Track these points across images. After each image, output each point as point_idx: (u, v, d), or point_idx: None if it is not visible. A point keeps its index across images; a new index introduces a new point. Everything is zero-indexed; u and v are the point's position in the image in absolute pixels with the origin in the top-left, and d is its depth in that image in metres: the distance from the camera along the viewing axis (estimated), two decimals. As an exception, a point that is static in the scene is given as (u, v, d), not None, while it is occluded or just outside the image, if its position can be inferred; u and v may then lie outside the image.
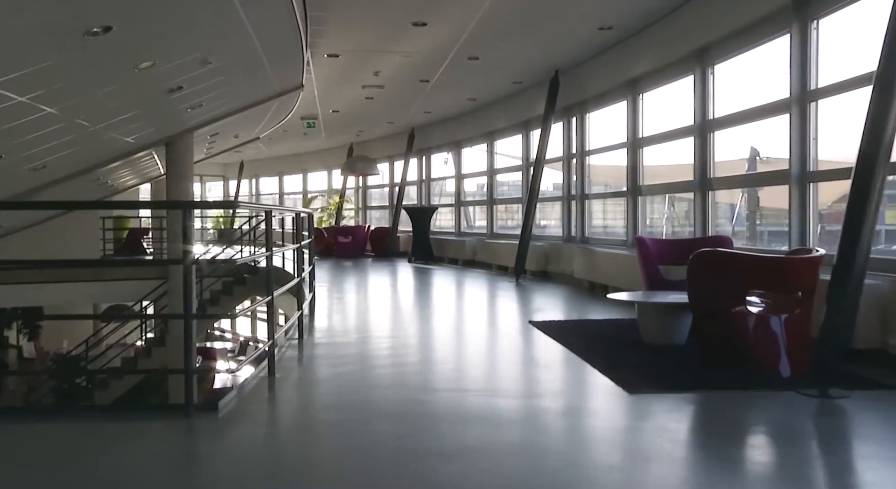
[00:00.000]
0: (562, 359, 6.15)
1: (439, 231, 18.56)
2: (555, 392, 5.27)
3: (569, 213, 12.83)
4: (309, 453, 3.86)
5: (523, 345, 6.98)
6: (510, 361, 6.32)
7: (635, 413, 4.58)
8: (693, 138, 8.88)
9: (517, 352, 6.74)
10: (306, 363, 6.17)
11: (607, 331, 7.25)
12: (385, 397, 4.96)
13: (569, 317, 8.55)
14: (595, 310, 9.12)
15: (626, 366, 5.60)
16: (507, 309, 9.64)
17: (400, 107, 15.76)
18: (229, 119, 11.73)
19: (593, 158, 12.35)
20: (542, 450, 3.82)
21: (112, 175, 13.62)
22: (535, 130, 14.15)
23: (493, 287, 12.10)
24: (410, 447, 3.81)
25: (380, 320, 8.69)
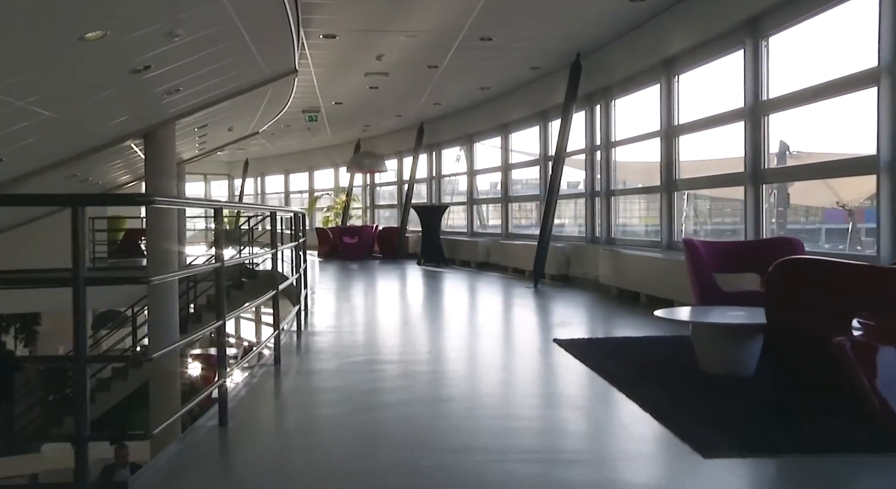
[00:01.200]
0: (598, 394, 4.82)
1: (450, 231, 17.24)
2: (594, 452, 3.82)
3: (592, 211, 11.48)
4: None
5: (548, 375, 5.65)
6: (532, 399, 4.88)
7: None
8: (744, 123, 7.52)
9: (540, 385, 5.37)
10: (275, 406, 4.88)
11: (651, 354, 5.90)
12: (368, 462, 3.63)
13: (599, 332, 7.20)
14: (629, 323, 7.77)
15: (686, 408, 4.25)
16: (526, 322, 8.29)
17: (407, 97, 14.44)
18: (217, 109, 10.46)
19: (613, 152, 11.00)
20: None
21: (94, 171, 12.38)
22: (554, 121, 12.80)
23: (510, 294, 10.77)
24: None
25: (380, 338, 7.37)
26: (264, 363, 5.65)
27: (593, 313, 8.81)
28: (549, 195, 11.22)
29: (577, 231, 13.46)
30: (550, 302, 9.78)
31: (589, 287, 10.75)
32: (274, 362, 5.57)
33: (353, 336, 7.27)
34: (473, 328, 7.76)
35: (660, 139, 9.31)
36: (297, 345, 6.68)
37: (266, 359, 5.72)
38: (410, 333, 7.31)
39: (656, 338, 6.52)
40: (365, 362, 5.91)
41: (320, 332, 7.38)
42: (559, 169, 11.15)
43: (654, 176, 10.24)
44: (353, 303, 10.39)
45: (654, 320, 7.58)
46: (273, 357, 5.61)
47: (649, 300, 8.92)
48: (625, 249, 9.95)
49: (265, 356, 5.88)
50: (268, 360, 5.66)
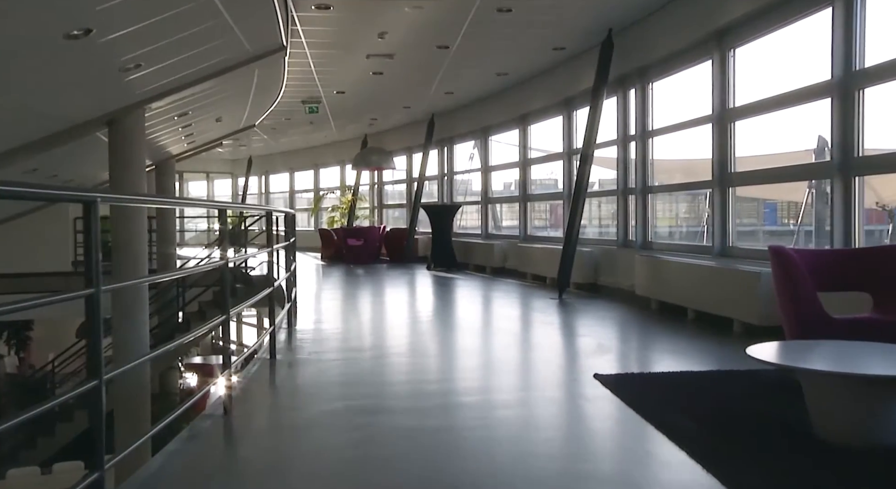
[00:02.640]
0: (670, 471, 3.30)
1: (463, 233, 15.74)
2: None
3: (625, 211, 9.94)
4: None
5: (592, 435, 4.11)
6: (574, 482, 3.38)
7: None
8: (831, 101, 5.98)
9: (583, 455, 3.80)
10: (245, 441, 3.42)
11: (730, 402, 4.37)
12: None
13: (650, 363, 5.65)
14: (683, 349, 6.21)
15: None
16: (554, 346, 6.71)
17: (416, 85, 12.95)
18: (196, 94, 9.01)
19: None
20: None
21: (62, 166, 10.97)
22: (580, 110, 11.29)
23: (531, 306, 9.25)
24: None
25: (375, 372, 5.86)
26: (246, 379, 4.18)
27: (635, 334, 7.27)
28: (576, 193, 9.70)
29: (598, 233, 11.96)
30: (580, 317, 8.26)
31: (622, 298, 9.23)
32: (224, 413, 4.10)
33: (342, 366, 5.78)
34: (491, 356, 6.21)
35: (711, 125, 7.77)
36: (270, 378, 5.21)
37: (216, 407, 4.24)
38: (415, 365, 5.78)
39: (730, 376, 4.99)
40: (357, 414, 4.43)
41: (305, 360, 5.91)
42: (587, 163, 9.62)
43: (692, 175, 8.79)
44: (348, 318, 8.90)
45: (715, 346, 6.11)
46: (225, 404, 4.14)
47: (698, 317, 7.40)
48: (666, 255, 8.42)
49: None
50: (218, 411, 4.19)
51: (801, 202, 8.96)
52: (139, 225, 8.37)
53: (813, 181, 7.97)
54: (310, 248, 19.81)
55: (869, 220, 6.74)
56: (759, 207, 12.61)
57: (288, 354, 6.06)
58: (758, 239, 13.74)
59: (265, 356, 5.69)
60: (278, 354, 5.71)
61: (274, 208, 6.65)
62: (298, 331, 7.14)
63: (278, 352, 5.76)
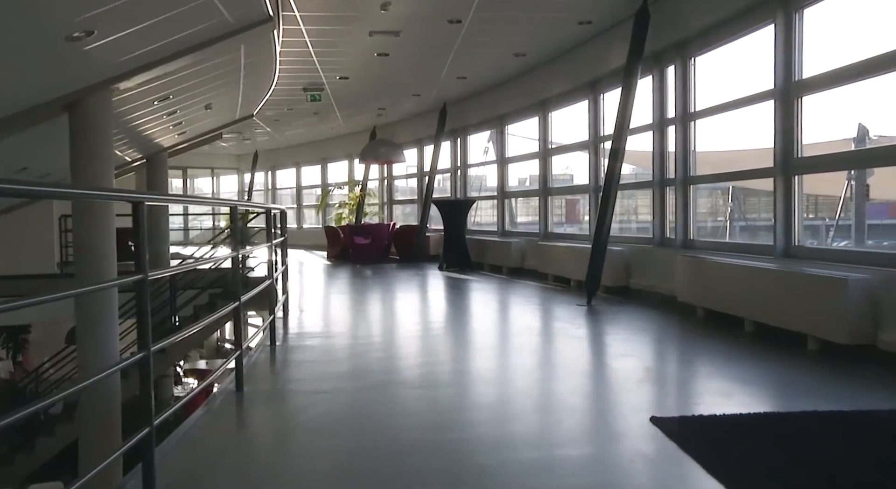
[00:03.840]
0: None
1: (478, 230, 14.50)
2: None
3: (662, 205, 8.66)
4: None
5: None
6: None
7: None
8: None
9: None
10: None
11: (858, 466, 3.12)
12: None
13: (719, 398, 4.34)
14: (757, 377, 4.88)
15: None
16: (592, 373, 5.28)
17: (426, 68, 11.70)
18: (174, 73, 7.82)
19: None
20: None
21: (33, 158, 9.81)
22: (608, 92, 10.00)
23: (558, 316, 7.98)
24: None
25: (368, 408, 4.65)
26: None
27: (686, 352, 5.96)
28: (607, 186, 8.42)
29: (617, 228, 10.67)
30: (616, 329, 6.99)
31: (660, 305, 7.96)
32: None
33: (322, 404, 4.55)
34: (512, 387, 4.84)
35: (773, 102, 6.47)
36: (233, 410, 4.02)
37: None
38: (419, 402, 4.53)
39: (835, 420, 3.72)
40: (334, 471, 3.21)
41: (281, 393, 4.72)
42: (620, 151, 8.35)
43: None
44: (344, 331, 7.69)
45: (794, 372, 4.82)
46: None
47: (758, 330, 6.12)
48: (714, 256, 7.15)
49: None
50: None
51: (840, 195, 7.77)
52: (105, 224, 7.19)
53: (852, 173, 6.85)
54: (317, 247, 18.64)
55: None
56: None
57: (262, 382, 4.87)
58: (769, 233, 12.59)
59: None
60: (245, 385, 4.51)
61: (271, 206, 5.92)
62: (289, 340, 5.98)
63: (246, 382, 4.56)
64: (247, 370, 5.14)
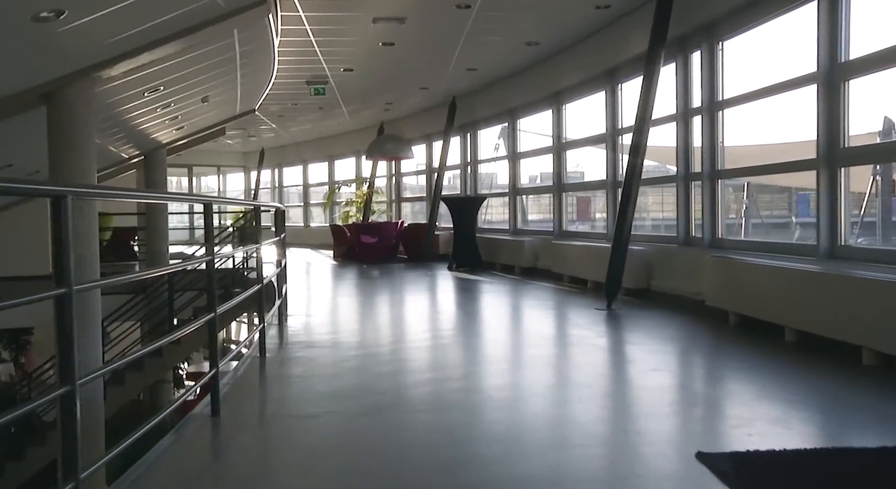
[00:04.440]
0: None
1: (488, 228, 13.87)
2: None
3: (686, 201, 8.00)
4: None
5: None
6: None
7: None
8: None
9: None
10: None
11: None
12: None
13: (773, 427, 3.67)
14: (813, 399, 4.19)
15: None
16: (620, 393, 4.51)
17: (433, 60, 11.07)
18: (162, 61, 7.21)
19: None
20: None
21: (15, 155, 9.23)
22: (627, 82, 9.35)
23: (575, 321, 7.34)
24: None
25: (362, 446, 4.04)
26: None
27: (724, 366, 5.28)
28: (628, 181, 7.77)
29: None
30: (641, 338, 6.33)
31: (687, 309, 7.30)
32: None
33: (314, 428, 3.94)
34: (528, 411, 4.17)
35: (816, 87, 5.80)
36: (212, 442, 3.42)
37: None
38: (426, 428, 3.91)
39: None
40: None
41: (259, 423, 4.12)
42: (641, 144, 7.69)
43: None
44: (347, 337, 7.09)
45: (854, 393, 4.15)
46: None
47: (802, 339, 5.47)
48: (747, 257, 6.49)
49: None
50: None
51: (866, 191, 7.12)
52: (84, 223, 6.60)
53: (878, 167, 6.37)
54: (324, 245, 18.05)
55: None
56: (790, 198, 11.26)
57: (244, 403, 4.26)
58: (791, 232, 11.84)
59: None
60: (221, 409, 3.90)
61: (261, 203, 5.29)
62: (285, 349, 5.36)
63: (226, 403, 3.95)
64: (230, 387, 4.57)
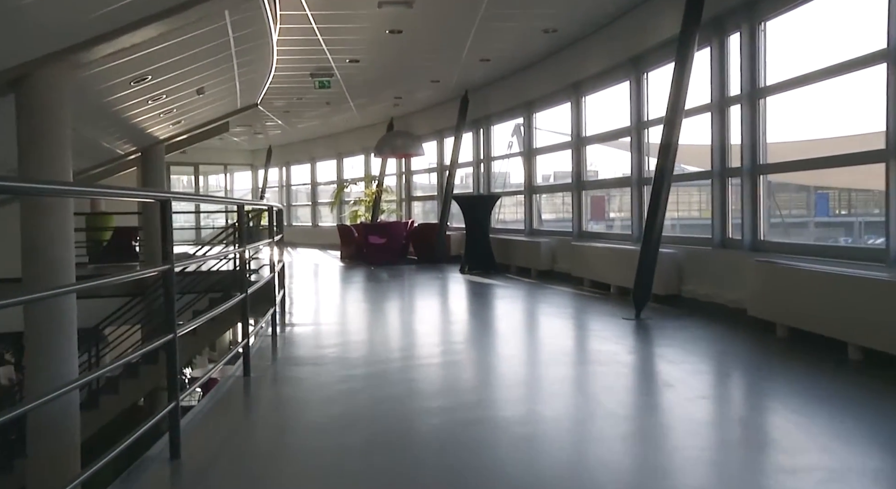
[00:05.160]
0: None
1: (502, 229, 13.10)
2: None
3: (722, 199, 7.21)
4: None
5: None
6: None
7: None
8: None
9: None
10: None
11: None
12: None
13: (874, 475, 2.90)
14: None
15: None
16: (666, 428, 3.76)
17: (444, 49, 10.31)
18: (145, 45, 6.50)
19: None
20: None
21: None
22: (654, 70, 8.56)
23: (601, 333, 6.54)
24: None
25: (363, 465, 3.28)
26: None
27: (788, 391, 4.40)
28: (658, 177, 6.98)
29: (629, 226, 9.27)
30: (680, 355, 5.53)
31: (725, 318, 6.52)
32: None
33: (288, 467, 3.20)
34: (558, 456, 3.41)
35: (886, 66, 5.00)
36: None
37: None
38: (434, 468, 3.18)
39: None
40: None
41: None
42: (673, 137, 6.90)
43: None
44: (344, 351, 6.34)
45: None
46: None
47: (870, 357, 4.68)
48: (797, 261, 5.70)
49: None
50: None
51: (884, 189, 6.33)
52: (58, 223, 5.90)
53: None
54: (332, 246, 17.33)
55: None
56: (809, 197, 11.11)
57: (207, 443, 3.53)
58: (811, 232, 11.09)
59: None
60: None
61: (247, 201, 4.46)
62: (275, 365, 4.63)
63: (186, 445, 3.21)
64: (203, 416, 3.83)
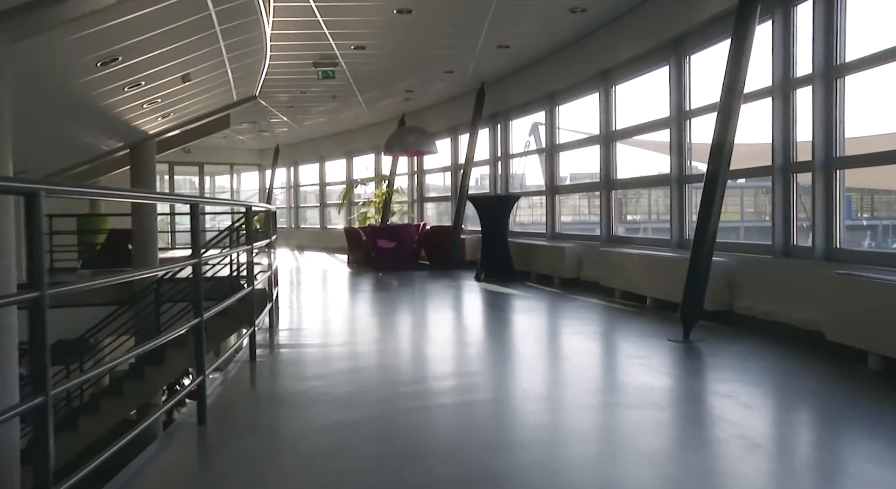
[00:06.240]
0: None
1: (521, 232, 11.99)
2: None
3: (787, 198, 6.06)
4: None
5: None
6: None
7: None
8: None
9: None
10: None
11: None
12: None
13: None
14: None
15: None
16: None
17: (459, 33, 9.20)
18: (113, 18, 5.46)
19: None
20: None
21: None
22: (698, 52, 7.43)
23: (645, 361, 5.34)
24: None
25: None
26: None
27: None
28: (713, 174, 5.84)
29: (652, 228, 8.14)
30: (751, 394, 4.35)
31: (793, 342, 5.38)
32: None
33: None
34: None
35: None
36: None
37: None
38: None
39: None
40: None
41: None
42: (730, 125, 5.78)
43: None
44: (337, 382, 5.25)
45: None
46: None
47: None
48: (891, 276, 4.56)
49: None
50: None
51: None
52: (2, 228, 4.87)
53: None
54: (341, 249, 16.28)
55: None
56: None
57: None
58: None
59: None
60: None
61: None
62: (254, 392, 3.56)
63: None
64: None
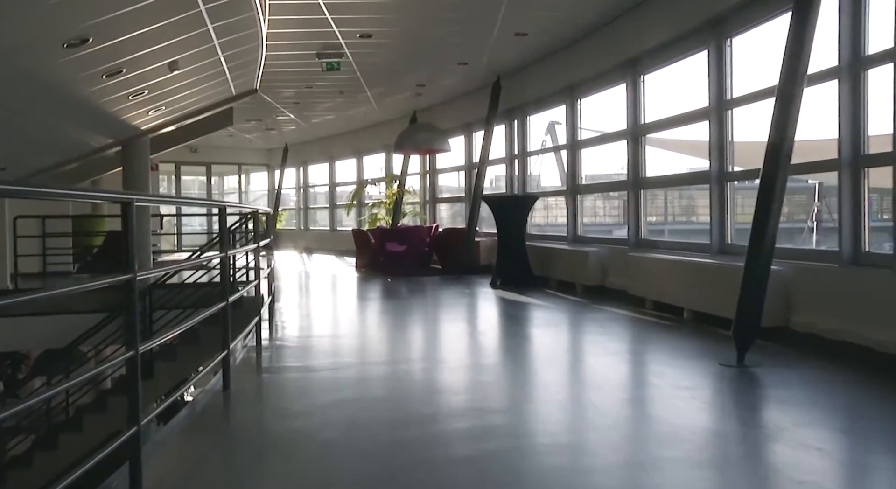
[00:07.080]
0: None
1: (539, 234, 11.12)
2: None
3: (856, 197, 5.16)
4: None
5: None
6: None
7: None
8: None
9: None
10: None
11: None
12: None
13: None
14: None
15: None
16: None
17: (473, 19, 8.35)
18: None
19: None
20: None
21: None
22: (739, 34, 6.54)
23: (696, 393, 4.40)
24: None
25: None
26: None
27: None
28: (770, 171, 4.95)
29: (676, 230, 7.28)
30: (836, 440, 3.48)
31: (869, 366, 4.51)
32: None
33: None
34: None
35: None
36: None
37: None
38: None
39: None
40: None
41: None
42: (791, 114, 4.89)
43: None
44: (331, 418, 4.39)
45: None
46: None
47: None
48: None
49: None
50: None
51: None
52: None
53: None
54: (350, 252, 15.46)
55: None
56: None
57: None
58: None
59: None
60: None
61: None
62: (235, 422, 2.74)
63: None
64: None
